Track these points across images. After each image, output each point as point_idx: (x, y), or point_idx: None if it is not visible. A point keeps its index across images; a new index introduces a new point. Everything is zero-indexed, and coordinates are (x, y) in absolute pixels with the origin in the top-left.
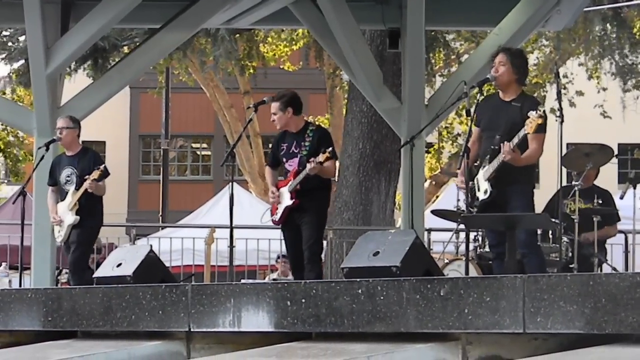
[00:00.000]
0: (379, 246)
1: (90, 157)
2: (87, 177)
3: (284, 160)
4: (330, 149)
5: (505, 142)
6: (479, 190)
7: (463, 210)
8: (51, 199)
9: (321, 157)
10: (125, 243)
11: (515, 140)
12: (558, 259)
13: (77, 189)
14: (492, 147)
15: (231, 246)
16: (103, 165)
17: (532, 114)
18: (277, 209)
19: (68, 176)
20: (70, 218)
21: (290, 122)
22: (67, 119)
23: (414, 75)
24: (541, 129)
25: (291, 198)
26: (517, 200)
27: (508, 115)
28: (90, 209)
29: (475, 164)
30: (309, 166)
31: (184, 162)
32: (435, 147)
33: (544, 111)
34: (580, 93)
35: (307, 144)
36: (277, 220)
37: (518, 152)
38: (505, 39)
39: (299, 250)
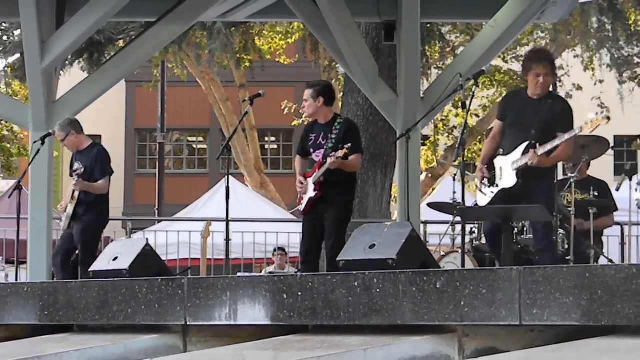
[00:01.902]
0: (375, 239)
1: (94, 154)
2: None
3: (312, 150)
4: (350, 144)
5: (532, 150)
6: (501, 178)
7: (459, 203)
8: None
9: (340, 153)
10: (122, 237)
11: (548, 146)
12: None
13: (77, 180)
14: (528, 140)
15: (227, 239)
16: (81, 170)
17: (594, 115)
18: (302, 199)
19: (76, 169)
20: (69, 209)
21: (319, 111)
22: (58, 131)
23: (409, 68)
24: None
25: (315, 189)
26: (541, 195)
27: (542, 112)
28: (89, 204)
29: (500, 154)
30: (329, 160)
31: (180, 156)
32: (431, 139)
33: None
34: (578, 87)
35: (333, 136)
36: (302, 210)
37: (544, 156)
38: (501, 32)
39: (314, 243)
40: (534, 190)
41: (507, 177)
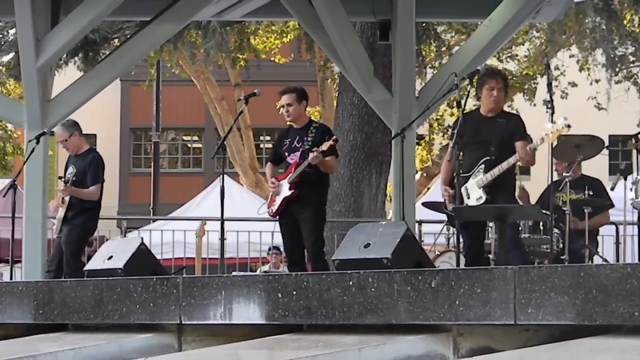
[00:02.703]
0: (370, 238)
1: (89, 159)
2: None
3: (286, 154)
4: (334, 138)
5: (523, 148)
6: (468, 197)
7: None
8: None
9: (324, 146)
10: (117, 236)
11: (533, 145)
12: (549, 250)
13: (66, 184)
14: (488, 157)
15: (222, 238)
16: (71, 176)
17: (551, 125)
18: (274, 201)
19: (70, 173)
20: (60, 212)
21: (302, 115)
22: (61, 131)
23: (404, 67)
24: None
25: (290, 189)
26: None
27: (497, 128)
28: (80, 209)
29: (461, 174)
30: (311, 155)
31: (174, 155)
32: (426, 139)
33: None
34: (573, 84)
35: (310, 139)
36: (274, 211)
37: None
38: (496, 31)
39: (296, 244)
40: (501, 202)
41: (475, 196)
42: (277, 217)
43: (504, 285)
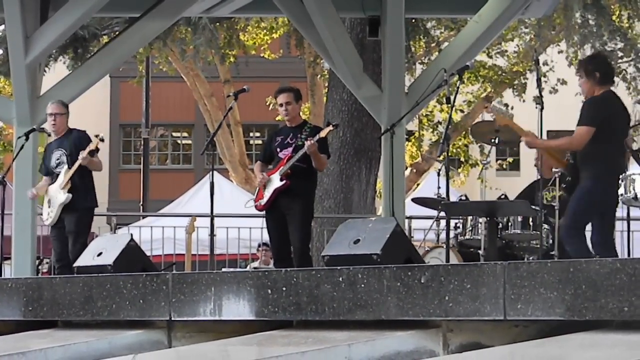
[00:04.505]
0: (359, 234)
1: (76, 134)
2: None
3: (278, 150)
4: (335, 124)
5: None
6: None
7: (444, 198)
8: (42, 183)
9: (323, 133)
10: (106, 232)
11: None
12: (538, 246)
13: (69, 167)
14: None
15: (212, 235)
16: (97, 138)
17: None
18: (262, 194)
19: (58, 158)
20: (62, 197)
21: (297, 115)
22: (59, 105)
23: (394, 63)
24: None
25: (281, 179)
26: None
27: None
28: (84, 189)
29: None
30: (307, 143)
31: (164, 151)
32: (416, 134)
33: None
34: (563, 82)
35: (303, 136)
36: (263, 204)
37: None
38: (485, 27)
39: (283, 240)
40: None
41: None
42: (265, 211)
43: (494, 281)
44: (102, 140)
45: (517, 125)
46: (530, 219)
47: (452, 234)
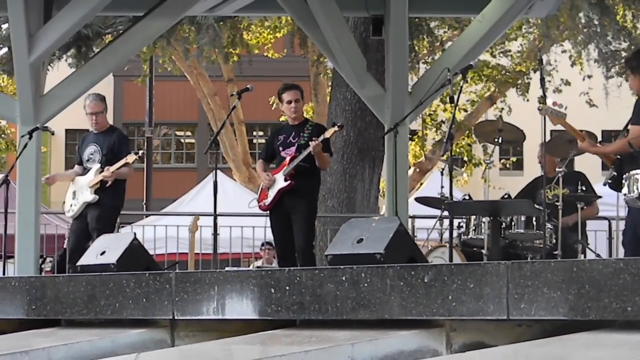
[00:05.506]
0: (363, 233)
1: (116, 137)
2: (108, 167)
3: (280, 149)
4: (339, 124)
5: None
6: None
7: (447, 197)
8: (72, 171)
9: (328, 134)
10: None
11: None
12: (542, 245)
13: (102, 168)
14: None
15: (215, 234)
16: (136, 155)
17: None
18: (266, 194)
19: (91, 154)
20: (88, 196)
21: (301, 113)
22: (97, 102)
23: (397, 63)
24: None
25: (286, 180)
26: None
27: None
28: (113, 187)
29: None
30: (312, 143)
31: (167, 150)
32: (419, 134)
33: None
34: (567, 82)
35: (306, 134)
36: (267, 204)
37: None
38: (489, 26)
39: (287, 239)
40: None
41: None
42: (269, 211)
43: (497, 281)
44: (139, 157)
45: (572, 126)
46: (534, 219)
47: (455, 234)
